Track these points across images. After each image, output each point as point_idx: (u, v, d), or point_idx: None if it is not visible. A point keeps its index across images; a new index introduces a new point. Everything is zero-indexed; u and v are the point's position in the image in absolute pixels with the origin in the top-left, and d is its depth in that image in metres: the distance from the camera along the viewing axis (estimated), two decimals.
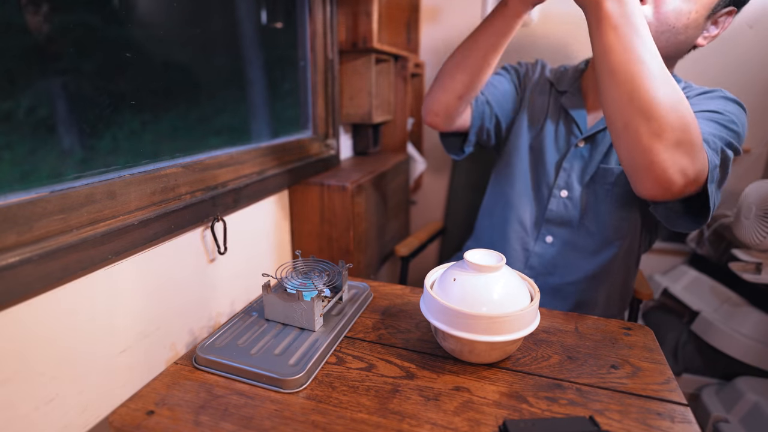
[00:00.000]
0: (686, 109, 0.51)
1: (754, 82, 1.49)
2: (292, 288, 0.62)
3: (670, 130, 0.50)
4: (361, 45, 1.14)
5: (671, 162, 0.52)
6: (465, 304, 0.51)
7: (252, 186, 0.83)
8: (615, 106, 0.53)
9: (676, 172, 0.53)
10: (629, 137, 0.53)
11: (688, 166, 0.53)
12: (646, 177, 0.55)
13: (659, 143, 0.51)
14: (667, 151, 0.51)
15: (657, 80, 0.50)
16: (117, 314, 0.58)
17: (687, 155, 0.52)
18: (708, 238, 1.56)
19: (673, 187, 0.54)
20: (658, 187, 0.55)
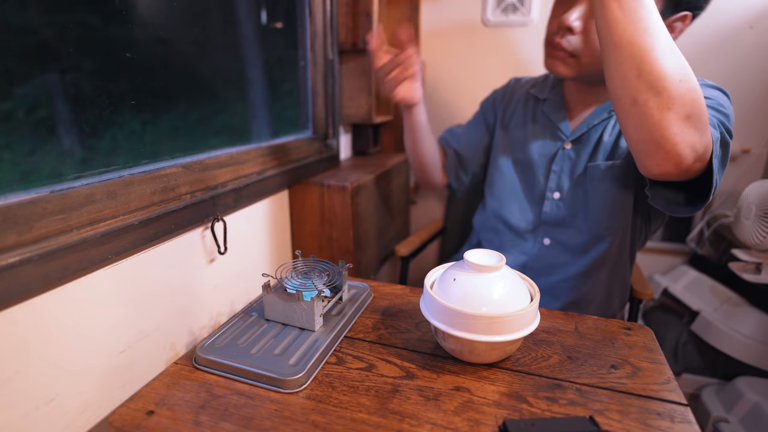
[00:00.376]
0: (694, 82, 0.50)
1: (754, 82, 1.49)
2: (292, 288, 0.62)
3: (681, 104, 0.49)
4: (361, 45, 1.14)
5: (682, 136, 0.51)
6: (465, 304, 0.51)
7: (252, 186, 0.83)
8: (622, 83, 0.52)
9: (687, 146, 0.52)
10: (638, 113, 0.52)
11: (697, 141, 0.52)
12: (656, 153, 0.53)
13: (670, 116, 0.50)
14: (678, 125, 0.50)
15: (665, 52, 0.49)
16: (117, 314, 0.58)
17: (696, 129, 0.51)
18: (708, 238, 1.56)
19: (683, 162, 0.53)
20: (668, 162, 0.53)
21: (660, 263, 1.76)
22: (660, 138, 0.52)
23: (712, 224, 1.55)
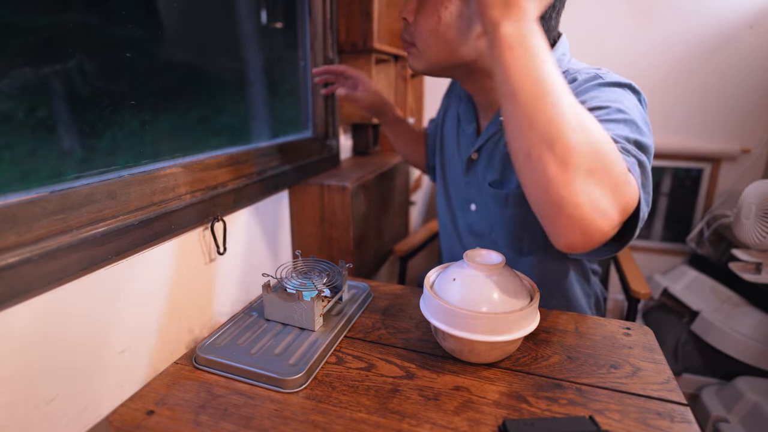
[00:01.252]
0: (597, 133, 0.44)
1: (754, 83, 1.49)
2: (292, 288, 0.62)
3: (579, 155, 0.42)
4: (361, 45, 1.14)
5: (584, 194, 0.43)
6: (465, 304, 0.51)
7: (252, 186, 0.83)
8: (516, 134, 0.46)
9: (594, 210, 0.43)
10: (533, 168, 0.45)
11: (607, 203, 0.44)
12: (558, 218, 0.45)
13: (567, 172, 0.43)
14: (578, 182, 0.42)
15: (559, 102, 0.43)
16: (117, 314, 0.58)
17: (604, 186, 0.43)
18: (708, 238, 1.56)
19: (592, 230, 0.43)
20: (573, 230, 0.44)
21: (660, 263, 1.76)
22: (558, 199, 0.43)
23: (712, 224, 1.55)
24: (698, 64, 1.52)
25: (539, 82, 0.44)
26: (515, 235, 0.74)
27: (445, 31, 0.62)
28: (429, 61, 0.67)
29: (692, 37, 1.50)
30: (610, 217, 0.44)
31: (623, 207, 0.45)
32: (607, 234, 0.45)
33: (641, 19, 1.53)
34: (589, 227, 0.44)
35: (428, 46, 0.64)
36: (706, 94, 1.54)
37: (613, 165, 0.44)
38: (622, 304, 1.76)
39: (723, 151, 1.56)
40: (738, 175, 1.58)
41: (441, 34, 0.62)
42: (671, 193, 1.75)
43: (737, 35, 1.46)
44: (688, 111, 1.58)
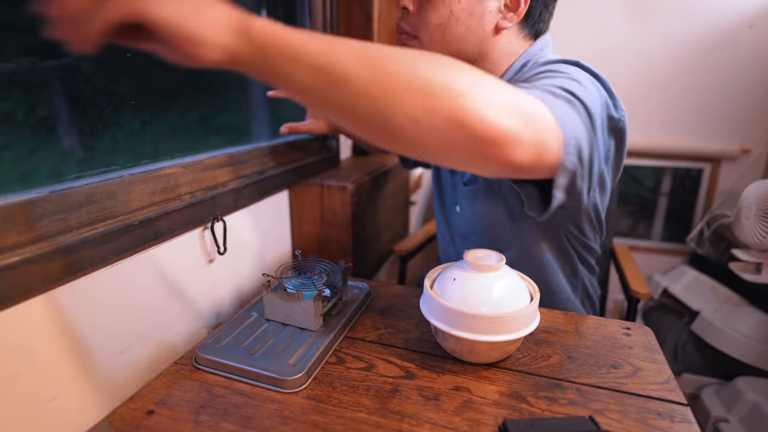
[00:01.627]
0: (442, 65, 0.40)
1: (754, 82, 1.49)
2: (292, 288, 0.62)
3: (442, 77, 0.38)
4: None
5: (475, 106, 0.38)
6: (465, 304, 0.51)
7: (252, 186, 0.83)
8: (382, 109, 0.39)
9: (494, 117, 0.38)
10: (429, 122, 0.38)
11: (502, 108, 0.39)
12: (468, 144, 0.39)
13: (451, 99, 0.38)
14: (460, 98, 0.38)
15: (381, 67, 0.38)
16: (117, 314, 0.58)
17: (489, 92, 0.39)
18: (708, 238, 1.56)
19: (500, 133, 0.39)
20: (484, 146, 0.39)
21: (660, 263, 1.76)
22: (457, 124, 0.38)
23: (712, 224, 1.55)
24: (698, 63, 1.52)
25: (352, 74, 0.37)
26: (490, 232, 0.74)
27: (454, 26, 0.61)
28: None
29: (692, 36, 1.50)
30: (512, 120, 0.40)
31: (528, 113, 0.42)
32: (516, 141, 0.40)
33: (641, 18, 1.53)
34: (497, 130, 0.39)
35: (433, 40, 0.63)
36: (706, 93, 1.54)
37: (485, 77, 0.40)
38: (622, 304, 1.76)
39: (723, 151, 1.56)
40: (738, 175, 1.58)
41: (449, 29, 0.61)
42: (671, 193, 1.75)
43: (737, 34, 1.46)
44: (688, 111, 1.58)
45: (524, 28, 0.65)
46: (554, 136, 0.45)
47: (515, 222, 0.70)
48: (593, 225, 0.70)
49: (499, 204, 0.71)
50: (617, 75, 1.60)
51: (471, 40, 0.62)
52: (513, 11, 0.62)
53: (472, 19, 0.61)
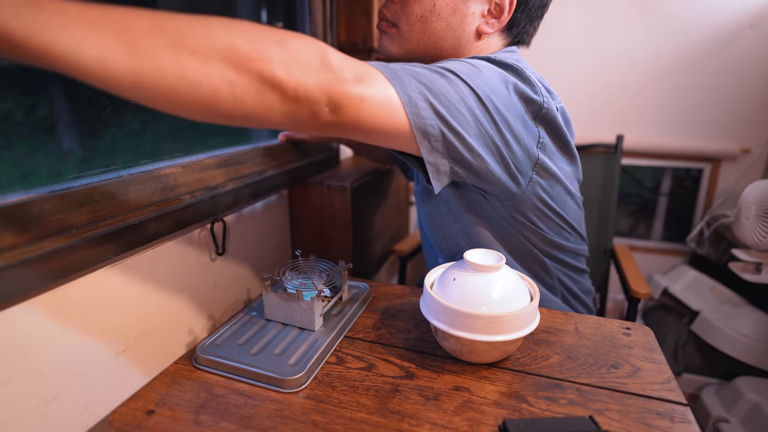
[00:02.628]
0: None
1: (754, 83, 1.49)
2: (292, 288, 0.62)
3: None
4: (361, 45, 1.14)
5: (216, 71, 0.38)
6: (465, 304, 0.51)
7: (252, 186, 0.83)
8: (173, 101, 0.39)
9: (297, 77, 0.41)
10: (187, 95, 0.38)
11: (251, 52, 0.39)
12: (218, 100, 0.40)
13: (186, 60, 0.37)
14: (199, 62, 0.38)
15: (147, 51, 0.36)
16: (117, 314, 0.58)
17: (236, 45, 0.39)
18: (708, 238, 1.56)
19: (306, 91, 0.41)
20: None
21: (660, 263, 1.76)
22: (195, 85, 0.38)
23: (712, 224, 1.56)
24: (698, 63, 1.52)
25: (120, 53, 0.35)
26: (440, 233, 0.73)
27: (435, 21, 0.61)
28: (407, 48, 0.65)
29: (692, 37, 1.50)
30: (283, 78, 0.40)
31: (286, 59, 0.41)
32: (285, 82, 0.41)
33: (641, 18, 1.53)
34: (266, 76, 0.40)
35: (412, 31, 0.63)
36: (706, 93, 1.54)
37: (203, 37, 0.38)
38: (622, 304, 1.76)
39: (723, 151, 1.56)
40: (738, 175, 1.58)
41: (430, 22, 0.61)
42: (671, 193, 1.75)
43: (737, 35, 1.46)
44: (689, 111, 1.58)
45: (506, 36, 0.66)
46: (379, 93, 0.47)
47: (459, 221, 0.69)
48: (550, 219, 0.67)
49: (438, 201, 0.70)
50: (618, 76, 1.60)
51: (449, 37, 0.62)
52: (495, 18, 0.62)
53: (454, 18, 0.61)
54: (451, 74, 0.52)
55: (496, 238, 0.69)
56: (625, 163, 1.68)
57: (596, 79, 1.62)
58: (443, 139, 0.52)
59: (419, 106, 0.49)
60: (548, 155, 0.61)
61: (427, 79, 0.50)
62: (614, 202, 1.17)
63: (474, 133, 0.53)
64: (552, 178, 0.63)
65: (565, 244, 0.71)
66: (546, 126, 0.60)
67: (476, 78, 0.52)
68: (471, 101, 0.52)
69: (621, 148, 1.18)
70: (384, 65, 0.50)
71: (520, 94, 0.56)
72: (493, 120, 0.53)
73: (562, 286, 0.76)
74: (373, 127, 0.48)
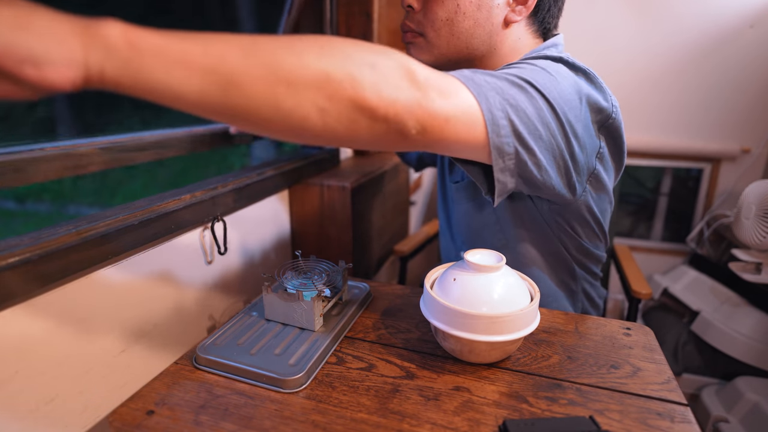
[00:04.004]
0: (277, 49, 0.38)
1: (754, 82, 1.49)
2: (292, 288, 0.62)
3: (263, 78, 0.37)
4: None
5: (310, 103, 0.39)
6: (465, 304, 0.51)
7: (252, 186, 0.83)
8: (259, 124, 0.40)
9: (389, 95, 0.41)
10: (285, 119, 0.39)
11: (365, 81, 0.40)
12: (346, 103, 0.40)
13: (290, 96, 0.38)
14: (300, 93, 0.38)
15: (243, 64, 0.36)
16: (117, 314, 0.58)
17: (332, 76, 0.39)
18: (708, 238, 1.56)
19: (397, 108, 0.41)
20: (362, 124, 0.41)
21: (660, 263, 1.76)
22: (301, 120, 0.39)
23: (712, 224, 1.55)
24: (698, 63, 1.52)
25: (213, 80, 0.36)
26: (476, 231, 0.72)
27: (462, 21, 0.60)
28: (437, 53, 0.64)
29: (692, 37, 1.50)
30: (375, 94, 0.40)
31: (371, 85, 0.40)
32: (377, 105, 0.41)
33: (641, 18, 1.53)
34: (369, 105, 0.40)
35: (440, 36, 0.62)
36: (707, 93, 1.54)
37: (301, 66, 0.38)
38: (622, 304, 1.76)
39: (723, 151, 1.56)
40: (738, 175, 1.58)
41: (457, 23, 0.60)
42: (671, 193, 1.75)
43: (737, 35, 1.46)
44: (689, 111, 1.58)
45: (533, 23, 0.64)
46: (463, 112, 0.47)
47: (500, 222, 0.69)
48: (590, 228, 0.68)
49: (483, 201, 0.70)
50: (618, 75, 1.60)
51: (479, 34, 0.61)
52: (522, 4, 0.61)
53: (480, 13, 0.60)
54: (531, 87, 0.51)
55: (532, 243, 0.69)
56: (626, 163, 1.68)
57: None
58: (516, 158, 0.51)
59: (500, 125, 0.49)
60: (603, 166, 0.61)
61: (509, 95, 0.50)
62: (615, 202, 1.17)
63: (545, 148, 0.52)
64: (602, 189, 0.63)
65: (594, 252, 0.71)
66: (608, 136, 0.59)
67: (553, 90, 0.52)
68: (547, 116, 0.51)
69: None
70: (468, 77, 0.49)
71: (591, 104, 0.55)
72: (564, 132, 0.53)
73: (584, 293, 0.77)
74: (454, 143, 0.48)
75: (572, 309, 0.75)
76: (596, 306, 0.81)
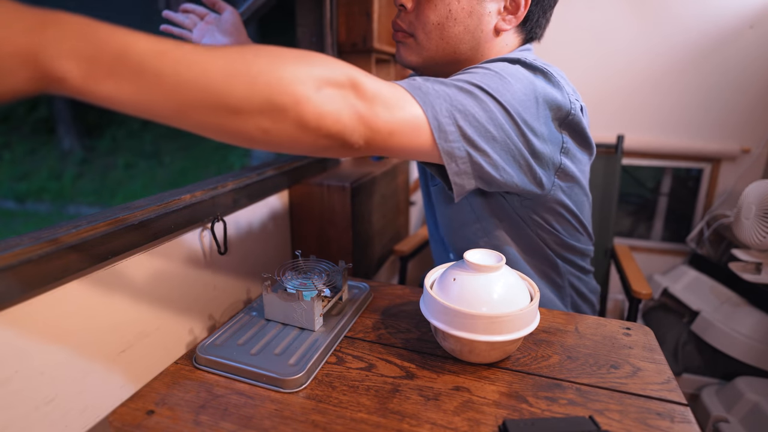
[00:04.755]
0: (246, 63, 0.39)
1: (754, 83, 1.49)
2: (292, 288, 0.62)
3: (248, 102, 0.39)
4: (361, 45, 1.14)
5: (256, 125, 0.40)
6: (465, 304, 0.51)
7: (252, 186, 0.83)
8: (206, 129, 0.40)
9: (332, 115, 0.42)
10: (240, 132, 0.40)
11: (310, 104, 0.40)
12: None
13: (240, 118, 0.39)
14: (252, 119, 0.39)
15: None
16: (117, 314, 0.58)
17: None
18: (708, 238, 1.56)
19: (340, 126, 0.43)
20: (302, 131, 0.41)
21: (660, 263, 1.76)
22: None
23: (712, 224, 1.56)
24: (698, 63, 1.52)
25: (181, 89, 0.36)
26: (458, 232, 0.73)
27: (453, 26, 0.61)
28: (426, 56, 0.64)
29: (692, 37, 1.50)
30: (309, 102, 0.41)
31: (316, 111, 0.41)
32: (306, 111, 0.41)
33: (641, 18, 1.53)
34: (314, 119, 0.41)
35: (430, 39, 0.62)
36: (707, 94, 1.54)
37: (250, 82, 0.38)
38: (622, 304, 1.76)
39: (723, 151, 1.56)
40: (738, 175, 1.58)
41: (448, 28, 0.61)
42: (671, 193, 1.75)
43: (737, 35, 1.46)
44: (688, 111, 1.58)
45: (522, 32, 0.66)
46: (408, 122, 0.48)
47: (480, 220, 0.69)
48: (568, 222, 0.68)
49: (463, 204, 0.70)
50: (619, 76, 1.60)
51: (467, 40, 0.62)
52: (512, 14, 0.62)
53: (471, 20, 0.61)
54: (481, 91, 0.52)
55: (513, 239, 0.70)
56: (626, 163, 1.68)
57: (597, 79, 1.62)
58: (470, 161, 0.52)
59: (447, 131, 0.50)
60: (570, 158, 0.62)
61: (457, 101, 0.51)
62: (614, 202, 1.17)
63: (501, 149, 0.53)
64: (572, 180, 0.64)
65: (577, 246, 0.72)
66: (571, 131, 0.61)
67: (504, 92, 0.53)
68: (500, 117, 0.52)
69: (621, 148, 1.18)
70: (416, 86, 0.50)
71: (548, 102, 0.56)
72: (521, 132, 0.54)
73: (572, 287, 0.77)
74: (403, 151, 0.50)
75: (560, 303, 0.76)
76: (588, 300, 0.80)
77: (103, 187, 1.38)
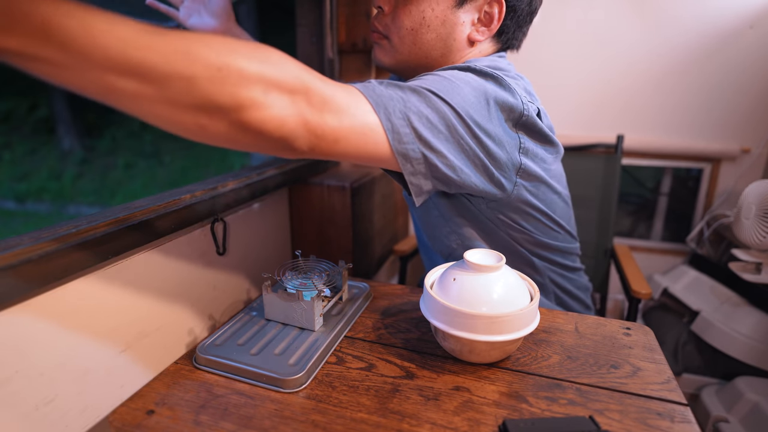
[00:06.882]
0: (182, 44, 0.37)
1: (754, 83, 1.49)
2: (292, 288, 0.62)
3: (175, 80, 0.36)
4: (361, 45, 1.14)
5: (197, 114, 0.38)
6: (465, 304, 0.51)
7: (252, 186, 0.83)
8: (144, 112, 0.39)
9: (276, 120, 0.41)
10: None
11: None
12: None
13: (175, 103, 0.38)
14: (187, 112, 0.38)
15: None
16: (117, 314, 0.58)
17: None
18: (708, 238, 1.56)
19: (284, 131, 0.42)
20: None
21: (660, 263, 1.76)
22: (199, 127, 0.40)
23: (712, 224, 1.56)
24: (698, 64, 1.52)
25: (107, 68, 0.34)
26: (429, 232, 0.73)
27: (425, 33, 0.62)
28: (399, 59, 0.66)
29: (692, 38, 1.50)
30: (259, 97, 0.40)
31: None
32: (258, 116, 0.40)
33: (641, 19, 1.53)
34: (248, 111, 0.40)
35: (403, 43, 0.63)
36: (707, 94, 1.54)
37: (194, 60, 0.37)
38: (622, 304, 1.76)
39: (723, 151, 1.56)
40: (738, 175, 1.58)
41: (420, 34, 0.62)
42: (671, 193, 1.75)
43: (737, 35, 1.46)
44: (689, 111, 1.58)
45: (498, 42, 0.66)
46: (359, 126, 0.48)
47: (448, 222, 0.70)
48: (538, 221, 0.68)
49: (430, 206, 0.70)
50: (622, 77, 1.60)
51: (439, 47, 0.63)
52: (486, 26, 0.63)
53: (444, 28, 0.62)
54: (431, 94, 0.52)
55: (484, 239, 0.70)
56: (626, 163, 1.68)
57: (597, 79, 1.61)
58: (425, 161, 0.53)
59: (401, 132, 0.50)
60: (531, 158, 0.62)
61: (411, 103, 0.51)
62: (614, 202, 1.17)
63: (455, 150, 0.54)
64: (536, 179, 0.63)
65: (553, 244, 0.71)
66: (527, 131, 0.61)
67: (454, 95, 0.53)
68: (452, 119, 0.53)
69: (621, 148, 1.19)
70: (370, 89, 0.50)
71: (500, 104, 0.56)
72: (473, 134, 0.54)
73: (554, 284, 0.76)
74: (351, 156, 0.50)
75: (544, 299, 0.76)
76: (576, 298, 0.80)
77: (103, 187, 1.38)
